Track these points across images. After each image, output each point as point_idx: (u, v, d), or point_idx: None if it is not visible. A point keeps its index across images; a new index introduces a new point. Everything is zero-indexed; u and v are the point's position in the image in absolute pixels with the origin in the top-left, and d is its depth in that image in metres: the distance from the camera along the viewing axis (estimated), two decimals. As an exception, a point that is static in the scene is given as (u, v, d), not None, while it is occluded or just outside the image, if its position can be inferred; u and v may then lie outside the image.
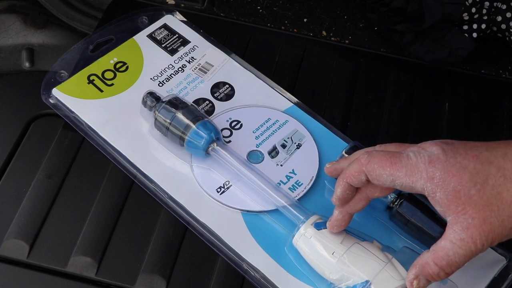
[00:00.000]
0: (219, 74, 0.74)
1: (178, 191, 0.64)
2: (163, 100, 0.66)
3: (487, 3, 0.80)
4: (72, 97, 0.69)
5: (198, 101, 0.71)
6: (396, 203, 0.61)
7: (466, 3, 0.78)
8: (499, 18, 0.81)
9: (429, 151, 0.51)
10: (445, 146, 0.51)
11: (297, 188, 0.65)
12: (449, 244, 0.50)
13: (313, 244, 0.57)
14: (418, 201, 0.61)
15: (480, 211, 0.48)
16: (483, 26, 0.80)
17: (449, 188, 0.49)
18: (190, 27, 0.78)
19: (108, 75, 0.72)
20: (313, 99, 0.74)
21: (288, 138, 0.69)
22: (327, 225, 0.58)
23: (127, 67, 0.73)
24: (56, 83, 0.70)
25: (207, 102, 0.71)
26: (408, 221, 0.60)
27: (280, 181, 0.65)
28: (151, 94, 0.67)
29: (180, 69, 0.74)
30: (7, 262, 0.61)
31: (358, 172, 0.54)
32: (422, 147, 0.52)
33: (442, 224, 0.58)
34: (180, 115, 0.64)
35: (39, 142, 0.69)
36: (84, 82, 0.71)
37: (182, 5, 0.85)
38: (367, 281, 0.54)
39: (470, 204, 0.48)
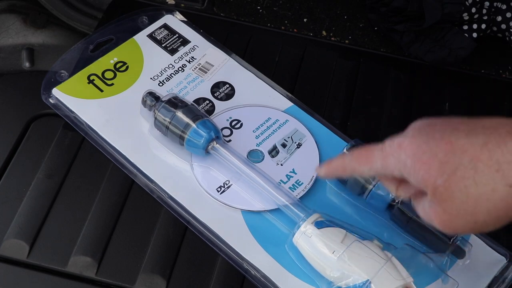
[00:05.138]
0: (219, 73, 0.74)
1: (178, 191, 0.64)
2: (163, 99, 0.66)
3: (487, 3, 0.80)
4: (72, 97, 0.69)
5: (198, 101, 0.71)
6: (397, 201, 0.61)
7: (466, 3, 0.78)
8: (499, 18, 0.81)
9: (404, 135, 0.50)
10: (423, 128, 0.49)
11: (298, 187, 0.65)
12: None
13: (314, 242, 0.57)
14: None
15: (443, 202, 0.46)
16: (483, 26, 0.80)
17: (418, 176, 0.47)
18: (190, 27, 0.78)
19: (108, 75, 0.72)
20: (313, 99, 0.74)
21: (288, 137, 0.69)
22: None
23: (127, 67, 0.73)
24: (56, 83, 0.70)
25: (207, 101, 0.71)
26: (410, 218, 0.60)
27: (281, 180, 0.65)
28: (150, 93, 0.67)
29: (180, 68, 0.74)
30: (7, 262, 0.61)
31: (343, 170, 0.56)
32: (403, 132, 0.51)
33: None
34: (179, 114, 0.64)
35: (39, 142, 0.69)
36: (84, 82, 0.71)
37: (182, 5, 0.85)
38: (367, 280, 0.54)
39: (435, 194, 0.47)
